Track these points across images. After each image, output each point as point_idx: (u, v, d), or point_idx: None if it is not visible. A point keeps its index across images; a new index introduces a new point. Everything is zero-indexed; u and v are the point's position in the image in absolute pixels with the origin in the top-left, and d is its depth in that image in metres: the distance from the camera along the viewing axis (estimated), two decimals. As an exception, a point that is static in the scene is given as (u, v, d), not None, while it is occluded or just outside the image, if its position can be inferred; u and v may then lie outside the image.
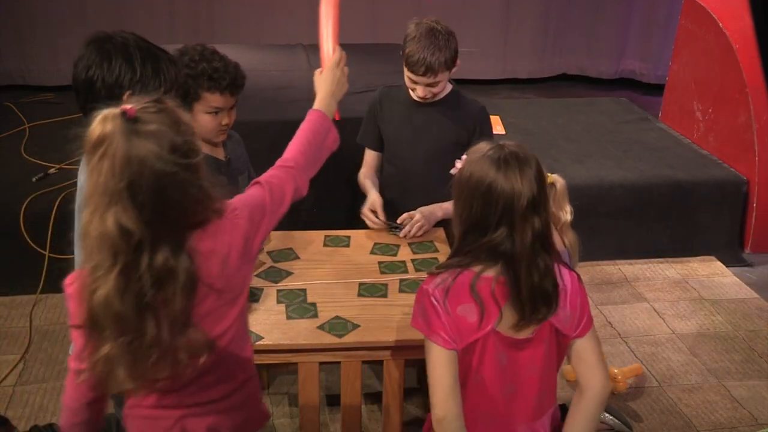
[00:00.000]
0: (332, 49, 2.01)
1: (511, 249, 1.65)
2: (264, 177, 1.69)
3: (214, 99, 2.36)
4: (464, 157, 1.76)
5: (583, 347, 1.79)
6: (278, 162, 1.75)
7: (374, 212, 2.70)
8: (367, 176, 2.87)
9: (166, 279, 1.41)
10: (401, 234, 2.65)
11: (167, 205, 1.40)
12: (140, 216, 1.37)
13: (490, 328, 1.69)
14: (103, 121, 1.39)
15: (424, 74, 2.62)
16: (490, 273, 1.68)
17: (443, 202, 2.66)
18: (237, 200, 1.60)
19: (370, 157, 2.92)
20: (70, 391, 1.62)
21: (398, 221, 2.67)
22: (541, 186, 1.66)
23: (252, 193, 1.65)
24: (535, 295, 1.67)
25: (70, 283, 1.50)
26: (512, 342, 1.72)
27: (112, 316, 1.40)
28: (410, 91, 2.75)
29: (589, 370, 1.80)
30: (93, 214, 1.39)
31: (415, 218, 2.64)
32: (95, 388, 1.57)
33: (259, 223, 1.60)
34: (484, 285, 1.68)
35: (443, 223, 2.71)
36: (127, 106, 1.40)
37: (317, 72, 2.00)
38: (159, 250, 1.40)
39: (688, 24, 4.79)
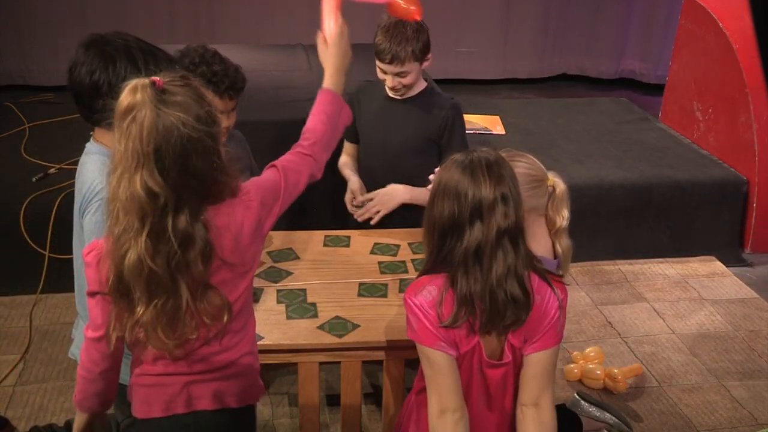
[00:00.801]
0: (335, 19, 1.94)
1: (477, 242, 1.63)
2: (280, 162, 1.75)
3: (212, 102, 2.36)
4: (437, 170, 1.78)
5: (533, 360, 1.75)
6: (296, 147, 1.79)
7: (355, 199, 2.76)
8: (346, 164, 2.90)
9: (188, 242, 1.50)
10: (357, 214, 2.71)
11: (190, 170, 1.49)
12: (166, 179, 1.46)
13: (476, 340, 1.70)
14: (132, 91, 1.47)
15: (390, 62, 2.64)
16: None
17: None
18: (251, 183, 1.67)
19: (349, 147, 2.94)
20: (85, 360, 1.68)
21: (357, 203, 2.72)
22: (512, 185, 1.66)
23: (267, 176, 1.72)
24: (493, 298, 1.64)
25: (88, 252, 1.58)
26: (487, 363, 1.73)
27: (145, 278, 1.49)
28: (386, 88, 2.76)
29: (531, 384, 1.76)
30: (121, 178, 1.47)
31: (371, 203, 2.69)
32: (111, 357, 1.65)
33: (272, 207, 1.68)
34: None
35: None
36: (156, 78, 1.48)
37: (320, 42, 1.94)
38: (181, 214, 1.49)
39: (688, 24, 4.79)
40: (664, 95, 5.16)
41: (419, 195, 2.64)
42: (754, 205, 4.18)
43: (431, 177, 1.84)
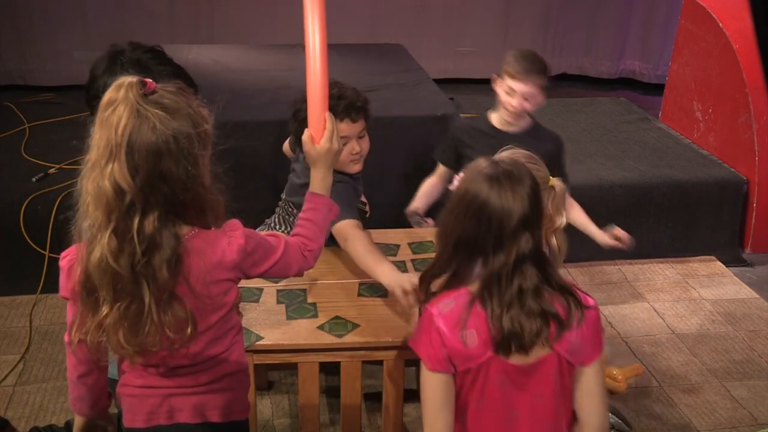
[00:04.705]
0: (324, 118, 1.82)
1: (497, 268, 1.64)
2: (285, 238, 1.74)
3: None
4: (461, 173, 1.77)
5: (585, 376, 1.74)
6: (300, 242, 1.77)
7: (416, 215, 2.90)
8: (430, 185, 3.02)
9: (153, 249, 1.47)
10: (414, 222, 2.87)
11: (160, 172, 1.45)
12: (134, 178, 1.44)
13: (490, 354, 1.67)
14: (117, 86, 1.46)
15: (535, 72, 2.77)
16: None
17: None
18: (245, 229, 1.63)
19: (442, 169, 3.03)
20: (68, 363, 1.71)
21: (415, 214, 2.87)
22: (535, 204, 1.65)
23: (269, 239, 1.69)
24: (515, 316, 1.63)
25: (64, 256, 1.59)
26: (515, 369, 1.70)
27: (108, 277, 1.47)
28: (502, 110, 2.88)
29: (587, 401, 1.75)
30: (92, 169, 1.46)
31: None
32: (84, 362, 1.66)
33: (257, 262, 1.65)
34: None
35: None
36: (148, 80, 1.48)
37: (307, 140, 1.84)
38: (149, 217, 1.46)
39: (688, 24, 4.79)
40: (664, 95, 5.16)
41: None
42: (754, 205, 4.18)
43: (455, 179, 1.83)
